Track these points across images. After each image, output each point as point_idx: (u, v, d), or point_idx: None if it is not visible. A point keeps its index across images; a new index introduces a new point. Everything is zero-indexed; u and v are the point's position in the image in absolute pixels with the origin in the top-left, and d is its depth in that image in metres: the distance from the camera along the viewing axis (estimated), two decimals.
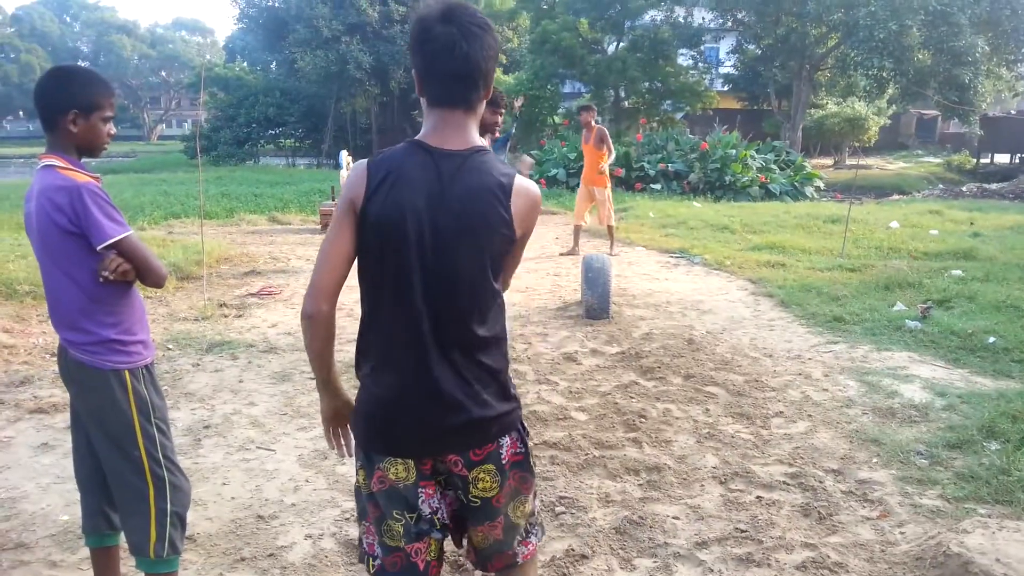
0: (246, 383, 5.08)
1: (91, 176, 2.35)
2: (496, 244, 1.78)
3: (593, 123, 9.82)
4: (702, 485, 3.66)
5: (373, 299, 1.83)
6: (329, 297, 1.80)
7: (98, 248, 2.25)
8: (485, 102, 1.84)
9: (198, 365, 5.43)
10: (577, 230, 10.36)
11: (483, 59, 1.75)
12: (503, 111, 8.29)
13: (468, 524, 1.94)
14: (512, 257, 1.91)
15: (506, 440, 1.89)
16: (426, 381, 1.78)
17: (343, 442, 2.00)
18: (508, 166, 1.83)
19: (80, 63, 63.89)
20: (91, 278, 2.30)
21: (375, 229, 1.73)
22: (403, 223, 1.72)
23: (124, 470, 2.40)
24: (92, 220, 2.23)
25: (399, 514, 1.83)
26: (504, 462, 1.88)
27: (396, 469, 1.82)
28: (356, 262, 1.81)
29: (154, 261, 2.39)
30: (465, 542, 2.01)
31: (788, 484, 3.66)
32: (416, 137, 1.81)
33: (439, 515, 1.86)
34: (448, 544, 1.96)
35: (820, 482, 3.67)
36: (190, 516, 3.35)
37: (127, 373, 2.37)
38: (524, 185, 1.82)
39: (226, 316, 6.81)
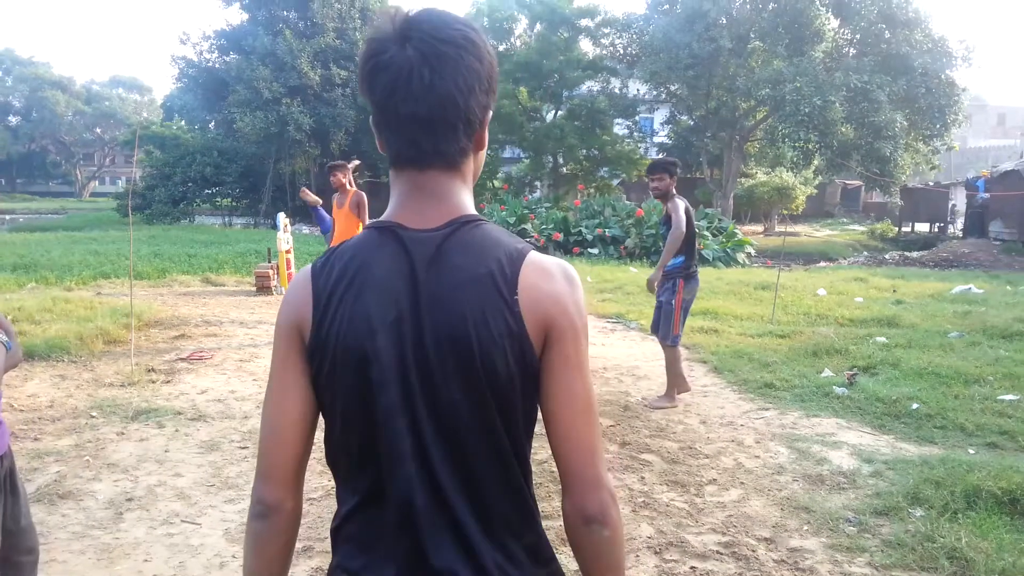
0: (172, 453, 4.92)
1: None
2: (502, 366, 1.14)
3: (348, 185, 8.12)
4: (637, 555, 3.66)
5: (348, 469, 1.25)
6: (290, 485, 1.24)
7: None
8: (477, 155, 1.25)
9: (122, 434, 5.24)
10: None
11: (459, 90, 1.15)
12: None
13: None
14: (563, 391, 1.18)
15: None
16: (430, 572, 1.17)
17: None
18: (518, 238, 1.24)
19: (11, 118, 62.93)
20: None
21: (334, 367, 1.17)
22: (375, 352, 1.15)
23: None
24: None
25: None
26: None
27: None
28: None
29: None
30: None
31: (721, 553, 3.68)
32: (380, 218, 1.24)
33: None
34: None
35: (752, 551, 3.70)
36: None
37: None
38: (540, 263, 1.19)
39: (154, 382, 6.61)
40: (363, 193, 8.04)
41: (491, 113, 1.23)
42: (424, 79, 1.12)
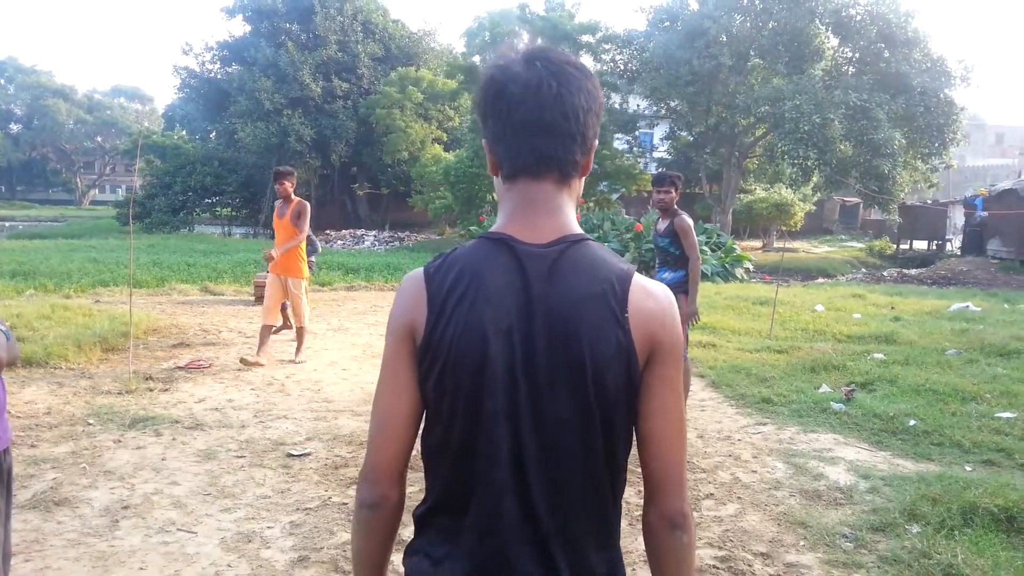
0: (169, 461, 4.91)
1: None
2: (611, 382, 1.21)
3: (293, 194, 7.77)
4: (633, 570, 3.64)
5: (442, 466, 1.30)
6: (396, 478, 1.30)
7: None
8: (581, 178, 1.33)
9: (119, 441, 5.23)
10: (266, 331, 7.78)
11: (580, 106, 1.24)
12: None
13: None
14: (662, 410, 1.26)
15: None
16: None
17: None
18: (619, 257, 1.32)
19: (12, 125, 63.06)
20: None
21: (445, 369, 1.23)
22: (486, 359, 1.20)
23: None
24: None
25: None
26: None
27: None
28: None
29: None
30: None
31: (718, 568, 3.68)
32: (491, 229, 1.30)
33: None
34: None
35: (749, 566, 3.69)
36: None
37: None
38: (645, 285, 1.27)
39: (151, 390, 6.60)
40: (306, 203, 7.84)
41: (596, 142, 1.32)
42: (552, 89, 1.22)
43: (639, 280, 1.26)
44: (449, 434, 1.25)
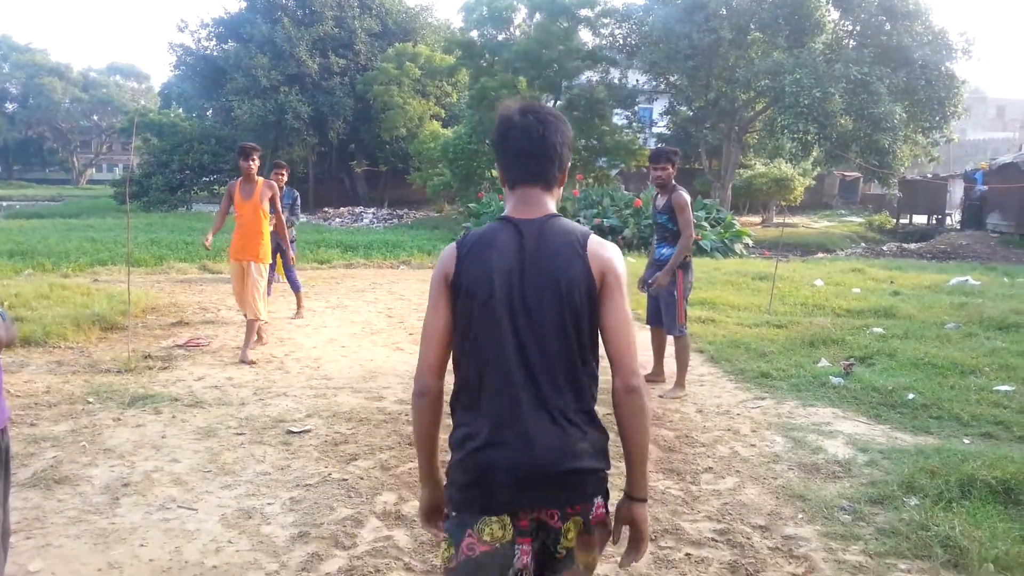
0: (169, 439, 4.92)
1: None
2: (577, 296, 1.87)
3: (255, 173, 7.23)
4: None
5: (468, 357, 1.92)
6: (436, 373, 1.94)
7: None
8: (559, 186, 2.03)
9: (119, 420, 5.24)
10: (252, 326, 7.18)
11: (558, 142, 1.98)
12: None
13: (546, 573, 1.93)
14: (613, 314, 1.90)
15: (597, 499, 1.93)
16: (520, 428, 1.84)
17: (440, 527, 2.03)
18: (580, 224, 2.04)
19: (7, 105, 62.67)
20: None
21: (467, 293, 1.89)
22: (491, 283, 1.88)
23: None
24: None
25: None
26: (591, 519, 1.91)
27: (491, 529, 1.85)
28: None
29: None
30: None
31: (716, 541, 3.69)
32: (501, 215, 2.01)
33: (529, 570, 1.88)
34: None
35: (748, 538, 3.71)
36: None
37: None
38: (599, 239, 1.95)
39: (151, 368, 6.61)
40: (274, 183, 7.49)
41: (569, 164, 2.04)
42: (539, 131, 1.96)
43: (594, 236, 1.95)
44: (471, 337, 1.90)
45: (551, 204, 1.99)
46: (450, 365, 1.97)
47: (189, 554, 3.46)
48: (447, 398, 1.97)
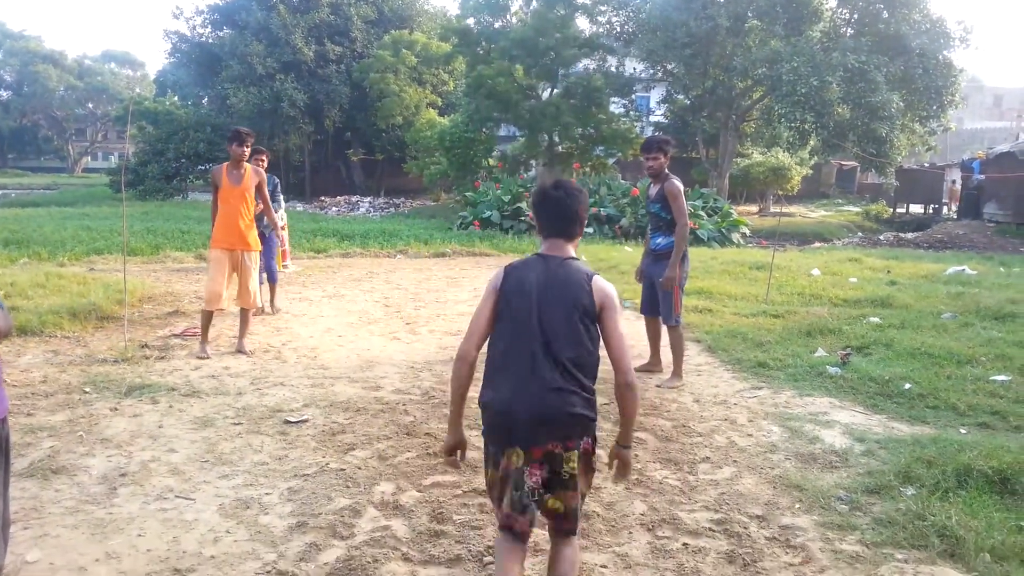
0: (166, 428, 4.91)
1: None
2: (582, 309, 2.69)
3: (246, 162, 7.01)
4: (630, 532, 3.68)
5: (504, 332, 2.74)
6: (477, 343, 2.77)
7: None
8: (579, 237, 2.89)
9: (116, 409, 5.23)
10: (245, 315, 6.99)
11: (580, 209, 2.86)
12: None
13: (553, 492, 2.69)
14: (610, 330, 2.72)
15: (587, 438, 2.72)
16: (537, 380, 2.62)
17: (456, 461, 2.91)
18: (589, 267, 2.86)
19: (2, 92, 62.31)
20: None
21: (508, 294, 2.75)
22: (524, 288, 2.74)
23: None
24: None
25: (512, 491, 2.66)
26: (584, 451, 2.71)
27: (513, 456, 2.65)
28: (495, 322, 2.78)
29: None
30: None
31: (714, 531, 3.70)
32: (536, 252, 2.88)
33: (538, 489, 2.66)
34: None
35: (745, 528, 3.72)
36: (102, 570, 3.22)
37: None
38: (601, 279, 2.77)
39: (147, 358, 6.60)
40: (262, 171, 7.34)
41: (586, 221, 2.98)
42: (566, 202, 2.84)
43: (598, 277, 2.78)
44: (506, 325, 2.73)
45: (571, 250, 2.85)
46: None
47: (187, 544, 3.46)
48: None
